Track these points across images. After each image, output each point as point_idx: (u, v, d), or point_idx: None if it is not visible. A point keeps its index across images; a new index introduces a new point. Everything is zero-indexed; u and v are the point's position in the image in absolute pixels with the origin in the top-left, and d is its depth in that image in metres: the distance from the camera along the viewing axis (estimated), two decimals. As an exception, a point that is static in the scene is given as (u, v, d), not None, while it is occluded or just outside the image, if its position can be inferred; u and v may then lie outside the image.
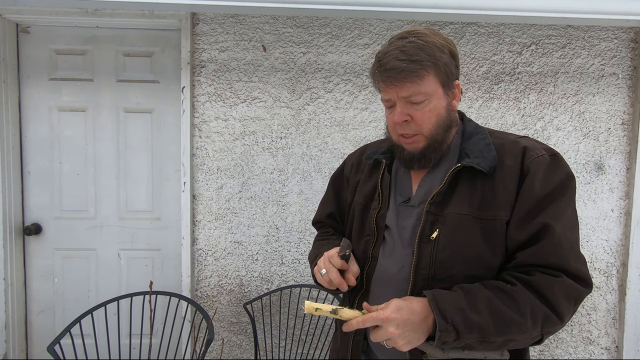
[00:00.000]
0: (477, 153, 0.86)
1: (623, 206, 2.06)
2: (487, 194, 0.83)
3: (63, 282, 2.16)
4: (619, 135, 2.05)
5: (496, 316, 0.75)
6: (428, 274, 0.84)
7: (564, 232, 0.78)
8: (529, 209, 0.80)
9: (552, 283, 0.76)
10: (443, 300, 0.76)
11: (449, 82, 0.86)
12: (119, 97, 2.09)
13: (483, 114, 2.03)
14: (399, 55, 0.81)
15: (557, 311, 0.76)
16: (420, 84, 0.82)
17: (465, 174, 0.86)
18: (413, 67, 0.81)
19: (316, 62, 2.00)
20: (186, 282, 2.03)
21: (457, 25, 1.99)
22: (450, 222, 0.83)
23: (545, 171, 0.82)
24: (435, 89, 0.84)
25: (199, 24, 1.98)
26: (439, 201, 0.86)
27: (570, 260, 0.78)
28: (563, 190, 0.81)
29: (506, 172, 0.83)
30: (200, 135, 2.01)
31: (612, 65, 2.03)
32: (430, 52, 0.82)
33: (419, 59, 0.81)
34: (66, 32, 2.05)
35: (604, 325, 2.10)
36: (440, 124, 0.86)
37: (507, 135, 0.92)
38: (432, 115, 0.85)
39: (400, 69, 0.81)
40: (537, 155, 0.83)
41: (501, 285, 0.78)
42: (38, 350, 2.18)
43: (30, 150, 2.10)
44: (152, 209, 2.14)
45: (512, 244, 0.81)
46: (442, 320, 0.74)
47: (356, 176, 1.06)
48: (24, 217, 2.12)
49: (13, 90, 2.04)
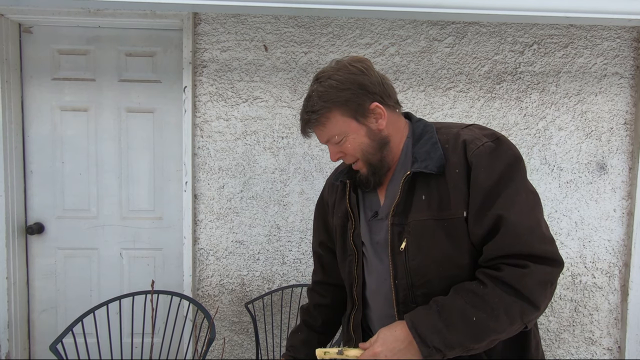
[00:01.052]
0: (424, 155, 0.87)
1: (625, 206, 2.06)
2: (443, 193, 0.84)
3: (65, 281, 2.16)
4: (621, 135, 2.04)
5: (472, 327, 0.77)
6: (406, 283, 0.87)
7: (519, 219, 0.78)
8: (481, 202, 0.81)
9: (521, 275, 0.76)
10: (421, 325, 0.80)
11: (359, 112, 0.88)
12: (121, 97, 2.09)
13: (485, 113, 2.03)
14: (305, 107, 0.90)
15: (532, 301, 0.76)
16: (328, 129, 0.89)
17: (419, 178, 0.87)
18: (315, 117, 0.88)
19: (318, 61, 2.00)
20: (188, 281, 2.04)
21: (459, 25, 1.99)
22: (415, 229, 0.85)
23: (489, 160, 0.82)
24: (347, 125, 0.88)
25: (201, 23, 1.98)
26: (400, 211, 0.87)
27: (533, 244, 0.78)
28: (511, 175, 0.81)
29: (453, 169, 0.84)
30: (201, 134, 2.01)
31: (615, 65, 2.02)
32: (328, 98, 0.87)
33: (317, 108, 0.87)
34: (69, 32, 2.06)
35: (606, 326, 2.09)
36: (368, 150, 0.90)
37: (452, 129, 0.91)
38: (356, 146, 0.90)
39: (306, 121, 0.90)
40: (477, 147, 0.83)
41: (473, 287, 0.80)
42: (40, 349, 2.19)
43: (33, 150, 2.11)
44: (153, 208, 2.14)
45: (475, 239, 0.83)
46: (424, 346, 0.78)
47: (332, 198, 1.08)
48: (27, 217, 2.13)
49: (16, 90, 2.05)
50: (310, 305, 1.17)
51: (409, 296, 0.87)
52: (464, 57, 2.01)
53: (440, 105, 2.02)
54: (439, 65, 2.01)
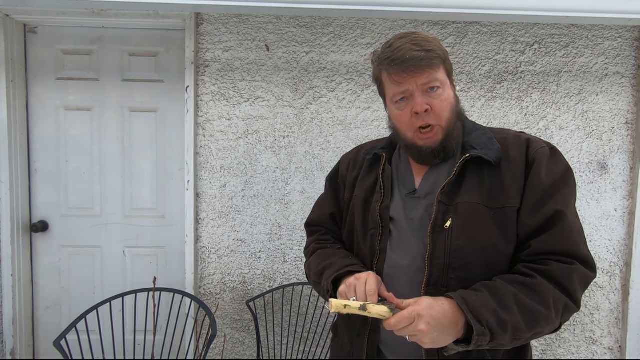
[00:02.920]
0: (482, 145, 0.88)
1: (627, 206, 2.05)
2: (495, 184, 0.85)
3: (69, 279, 2.19)
4: (622, 134, 2.04)
5: (525, 312, 0.75)
6: (443, 263, 0.83)
7: (573, 219, 0.82)
8: (538, 196, 0.82)
9: (569, 272, 0.78)
10: (473, 303, 0.74)
11: (450, 75, 0.91)
12: (124, 97, 2.11)
13: (485, 113, 2.03)
14: (413, 47, 0.84)
15: (574, 299, 0.78)
16: (437, 71, 0.86)
17: (472, 165, 0.87)
18: (430, 55, 0.84)
19: (319, 61, 2.01)
20: (190, 279, 2.05)
21: (460, 25, 1.99)
22: (463, 211, 0.84)
23: (549, 161, 0.85)
24: (445, 79, 0.88)
25: (203, 24, 1.99)
26: (449, 191, 0.87)
27: (580, 246, 0.81)
28: (566, 180, 0.85)
29: (512, 163, 0.86)
30: (204, 134, 2.03)
31: (616, 65, 2.02)
32: (437, 45, 0.87)
33: (433, 48, 0.85)
34: (73, 32, 2.08)
35: (607, 325, 2.09)
36: (454, 113, 0.90)
37: (508, 130, 0.95)
38: (448, 104, 0.88)
39: (420, 58, 0.84)
40: (540, 147, 0.87)
41: (521, 279, 0.79)
42: (44, 346, 2.21)
43: (37, 149, 2.13)
44: (156, 207, 2.16)
45: (524, 231, 0.83)
46: (478, 324, 0.72)
47: (352, 173, 1.06)
48: (31, 215, 2.15)
49: (20, 89, 2.07)
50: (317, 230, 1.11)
51: (442, 277, 0.83)
52: (465, 57, 2.01)
53: (441, 104, 2.03)
54: (440, 65, 2.01)
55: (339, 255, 0.97)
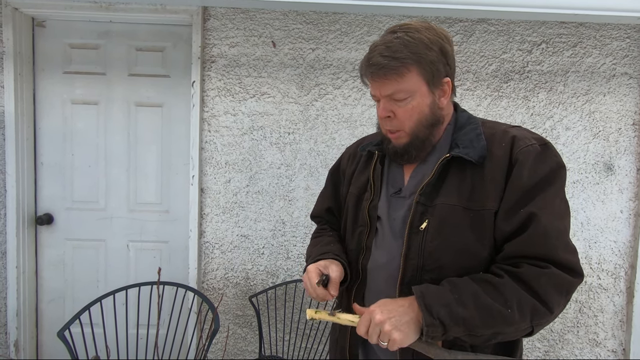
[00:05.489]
0: (467, 143, 0.85)
1: (633, 207, 2.04)
2: (477, 184, 0.83)
3: (73, 271, 2.20)
4: (629, 135, 2.03)
5: (482, 309, 0.75)
6: (417, 264, 0.84)
7: (551, 222, 0.78)
8: (516, 199, 0.80)
9: (539, 274, 0.75)
10: (429, 296, 0.76)
11: (434, 80, 0.84)
12: (131, 91, 2.12)
13: (492, 112, 2.02)
14: (383, 51, 0.82)
15: (545, 302, 0.75)
16: (401, 82, 0.82)
17: (455, 164, 0.85)
18: (394, 64, 0.81)
19: (325, 58, 2.01)
20: (193, 274, 2.06)
21: (467, 23, 1.99)
22: (439, 213, 0.84)
23: (534, 161, 0.81)
24: (419, 87, 0.84)
25: (210, 19, 2.00)
26: (428, 192, 0.86)
27: (558, 250, 0.77)
28: (552, 180, 0.81)
29: (495, 162, 0.83)
30: (209, 129, 2.03)
31: (624, 65, 2.01)
32: (414, 50, 0.81)
33: (401, 56, 0.81)
34: (81, 26, 2.09)
35: (611, 328, 2.08)
36: (422, 122, 0.86)
37: (499, 125, 0.91)
38: (414, 113, 0.85)
39: (381, 66, 0.82)
40: (526, 145, 0.82)
41: (489, 277, 0.78)
42: (48, 338, 2.22)
43: (44, 142, 2.14)
44: (161, 201, 2.17)
45: (500, 235, 0.81)
46: (428, 315, 0.75)
47: (351, 167, 1.06)
48: (37, 207, 2.17)
49: (28, 82, 2.09)
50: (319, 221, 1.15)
51: (416, 278, 0.84)
52: (472, 56, 2.01)
53: (447, 103, 2.02)
54: (446, 63, 2.01)
55: (322, 243, 1.03)
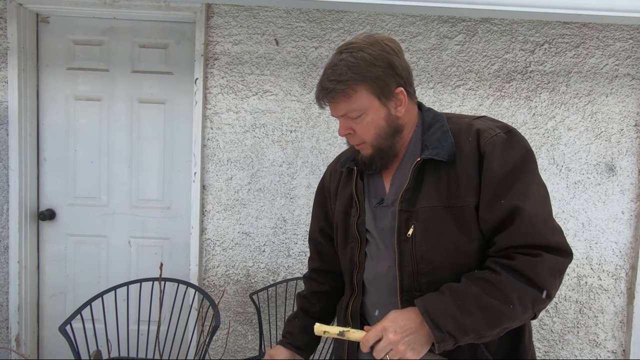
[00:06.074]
0: (435, 143, 0.86)
1: (634, 208, 2.04)
2: (452, 181, 0.84)
3: (75, 267, 2.21)
4: (631, 136, 2.03)
5: (487, 313, 0.76)
6: (412, 270, 0.86)
7: (534, 209, 0.79)
8: (494, 190, 0.81)
9: (534, 264, 0.77)
10: (434, 310, 0.78)
11: (385, 93, 0.86)
12: (134, 88, 2.13)
13: (493, 112, 2.02)
14: (329, 75, 0.85)
15: (543, 290, 0.77)
16: (350, 102, 0.85)
17: (429, 165, 0.87)
18: (340, 87, 0.84)
19: (328, 56, 2.02)
20: (194, 271, 2.06)
21: (470, 23, 1.99)
22: (423, 216, 0.85)
23: (502, 149, 0.82)
24: (370, 103, 0.86)
25: (214, 17, 2.01)
26: (408, 197, 0.87)
27: (546, 235, 0.79)
28: (524, 166, 0.82)
29: (465, 158, 0.84)
30: (211, 126, 2.04)
31: (627, 66, 2.01)
32: (357, 70, 0.83)
33: (345, 78, 0.83)
34: (84, 22, 2.10)
35: (611, 328, 2.08)
36: (380, 134, 0.88)
37: (463, 118, 0.91)
38: (371, 127, 0.87)
39: (329, 90, 0.85)
40: (491, 136, 0.84)
41: (486, 276, 0.79)
42: (49, 333, 2.23)
43: (47, 138, 2.15)
44: (162, 198, 2.18)
45: (486, 227, 0.83)
46: (437, 331, 0.76)
47: (334, 183, 1.07)
48: (39, 203, 2.18)
49: (32, 78, 2.09)
50: (308, 292, 1.15)
51: (413, 284, 0.86)
52: (474, 55, 2.01)
53: (449, 102, 2.03)
54: (448, 63, 2.01)
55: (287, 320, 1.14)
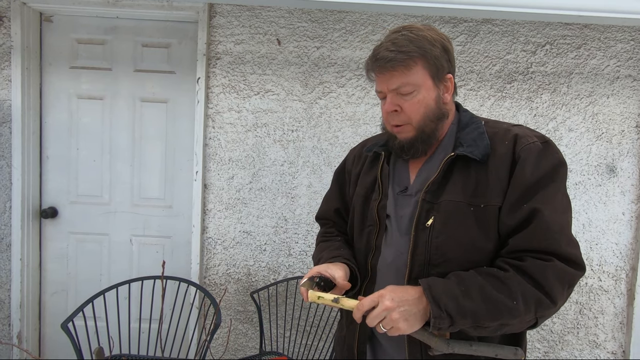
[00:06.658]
0: (470, 142, 0.88)
1: (635, 210, 2.04)
2: (481, 181, 0.86)
3: (76, 265, 2.22)
4: (632, 137, 2.03)
5: (488, 302, 0.77)
6: (424, 259, 0.87)
7: (553, 216, 0.80)
8: (519, 195, 0.82)
9: (543, 267, 0.78)
10: (437, 288, 0.79)
11: (439, 74, 0.88)
12: (136, 87, 2.14)
13: (495, 112, 2.03)
14: (389, 46, 0.86)
15: (549, 295, 0.78)
16: (408, 75, 0.86)
17: (459, 162, 0.88)
18: (401, 57, 0.85)
19: (329, 56, 2.02)
20: (195, 269, 2.07)
21: (472, 23, 1.99)
22: (445, 209, 0.86)
23: (536, 158, 0.84)
24: (424, 81, 0.87)
25: (216, 16, 2.01)
26: (434, 190, 0.89)
27: (561, 243, 0.79)
28: (553, 176, 0.83)
29: (498, 160, 0.86)
30: (213, 125, 2.05)
31: (628, 67, 2.01)
32: (420, 45, 0.86)
33: (407, 50, 0.85)
34: (88, 22, 2.11)
35: (611, 329, 2.08)
36: (428, 115, 0.89)
37: (501, 124, 0.94)
38: (421, 106, 0.88)
39: (388, 59, 0.86)
40: (528, 143, 0.85)
41: (494, 271, 0.81)
42: (51, 331, 2.24)
43: (50, 136, 2.16)
44: (164, 196, 2.19)
45: (504, 229, 0.84)
46: (436, 307, 0.77)
47: (356, 168, 1.08)
48: (42, 201, 2.19)
49: (35, 77, 2.10)
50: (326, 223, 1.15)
51: (423, 273, 0.87)
52: (476, 56, 2.01)
53: (450, 103, 2.03)
54: (450, 63, 2.02)
55: (331, 248, 1.04)
